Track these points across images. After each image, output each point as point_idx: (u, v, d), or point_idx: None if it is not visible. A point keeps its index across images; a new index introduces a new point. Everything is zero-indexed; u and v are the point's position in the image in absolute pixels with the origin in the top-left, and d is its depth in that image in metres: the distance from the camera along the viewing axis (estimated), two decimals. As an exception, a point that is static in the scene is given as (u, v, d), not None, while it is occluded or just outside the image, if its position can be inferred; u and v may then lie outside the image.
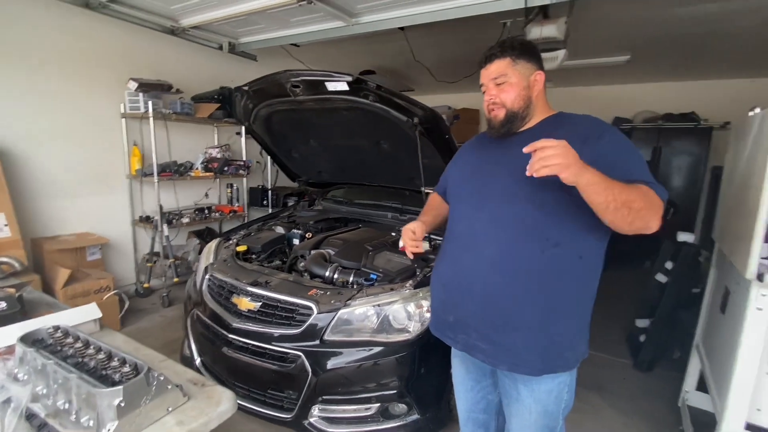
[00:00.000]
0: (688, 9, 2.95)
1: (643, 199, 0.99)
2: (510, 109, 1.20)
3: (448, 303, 1.31)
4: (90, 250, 3.21)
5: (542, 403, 1.21)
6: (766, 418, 1.32)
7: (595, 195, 0.97)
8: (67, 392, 0.95)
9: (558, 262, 1.13)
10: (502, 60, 1.20)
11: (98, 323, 1.43)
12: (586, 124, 1.17)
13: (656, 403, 2.34)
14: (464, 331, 1.25)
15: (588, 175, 0.96)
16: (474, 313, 1.22)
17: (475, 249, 1.22)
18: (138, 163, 3.46)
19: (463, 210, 1.30)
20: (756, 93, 4.75)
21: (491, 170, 1.25)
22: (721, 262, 1.89)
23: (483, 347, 1.22)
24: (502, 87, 1.20)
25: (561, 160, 0.95)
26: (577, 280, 1.15)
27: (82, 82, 3.19)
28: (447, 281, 1.31)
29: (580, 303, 1.17)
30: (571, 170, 0.95)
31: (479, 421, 1.48)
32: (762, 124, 1.41)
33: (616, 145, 1.11)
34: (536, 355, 1.15)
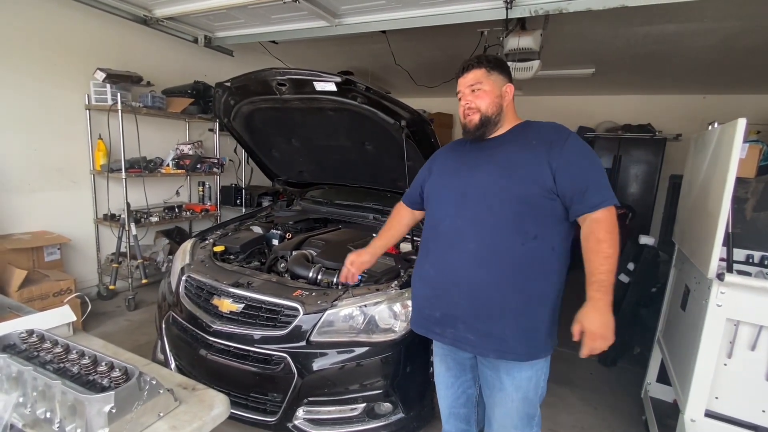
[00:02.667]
0: (649, 28, 3.17)
1: (611, 245, 1.17)
2: (484, 113, 1.32)
3: (434, 299, 1.37)
4: (48, 250, 3.00)
5: (523, 390, 1.31)
6: (724, 405, 1.45)
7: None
8: (49, 400, 0.90)
9: (536, 254, 1.24)
10: (478, 70, 1.33)
11: (71, 327, 1.36)
12: (552, 130, 1.31)
13: (621, 396, 2.50)
14: (452, 324, 1.32)
15: (610, 307, 1.15)
16: (461, 306, 1.29)
17: (460, 245, 1.30)
18: (103, 158, 3.27)
19: (445, 210, 1.37)
20: (706, 108, 5.18)
21: (470, 172, 1.35)
22: (681, 263, 2.05)
23: (471, 338, 1.29)
24: (477, 93, 1.32)
25: (611, 341, 1.14)
26: (551, 270, 1.26)
27: (43, 71, 2.98)
28: (433, 278, 1.38)
29: (553, 291, 1.28)
30: (612, 331, 1.14)
31: (461, 416, 1.57)
32: (720, 138, 1.55)
33: (578, 152, 1.24)
34: (522, 342, 1.25)
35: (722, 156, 1.46)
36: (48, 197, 3.12)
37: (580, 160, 1.23)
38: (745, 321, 1.39)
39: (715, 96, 5.27)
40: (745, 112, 1.45)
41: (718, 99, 5.24)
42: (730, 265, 1.48)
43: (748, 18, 2.82)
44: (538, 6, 2.52)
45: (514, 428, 1.35)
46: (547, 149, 1.23)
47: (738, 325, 1.41)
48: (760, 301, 1.34)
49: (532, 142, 1.28)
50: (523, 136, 1.33)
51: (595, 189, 1.19)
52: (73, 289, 2.83)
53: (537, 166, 1.23)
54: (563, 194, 1.22)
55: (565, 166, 1.20)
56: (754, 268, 1.79)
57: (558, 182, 1.21)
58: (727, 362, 1.44)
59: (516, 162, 1.27)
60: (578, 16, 2.66)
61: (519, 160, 1.27)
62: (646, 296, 2.88)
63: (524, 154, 1.27)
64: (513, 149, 1.31)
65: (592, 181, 1.20)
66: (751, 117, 1.36)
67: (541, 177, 1.22)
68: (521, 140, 1.31)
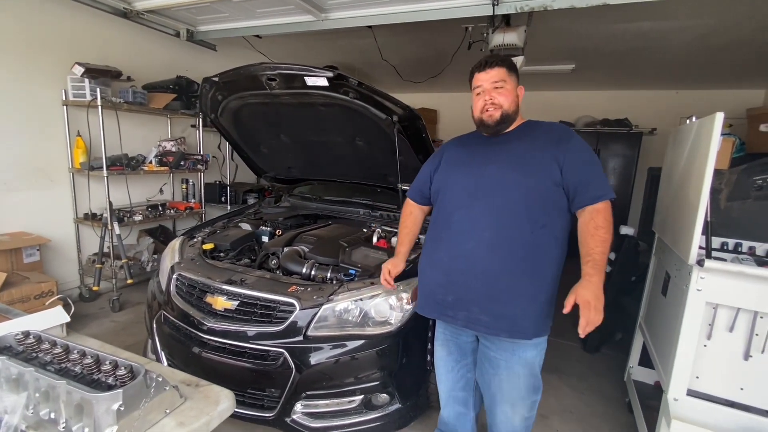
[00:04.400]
0: (627, 25, 3.28)
1: (608, 231, 1.30)
2: (506, 110, 1.41)
3: (448, 284, 1.46)
4: (27, 252, 2.90)
5: (529, 365, 1.44)
6: (705, 384, 1.54)
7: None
8: (53, 401, 0.89)
9: (543, 241, 1.36)
10: (501, 68, 1.41)
11: (64, 328, 1.33)
12: (557, 129, 1.45)
13: (605, 380, 2.60)
14: (465, 308, 1.43)
15: (601, 284, 1.27)
16: (476, 290, 1.40)
17: (474, 234, 1.40)
18: (82, 156, 3.17)
19: (458, 201, 1.47)
20: (680, 103, 5.38)
21: (482, 166, 1.45)
22: (661, 251, 2.14)
23: (485, 320, 1.40)
24: (500, 90, 1.41)
25: (601, 315, 1.24)
26: (554, 256, 1.39)
27: (17, 65, 2.86)
28: (446, 265, 1.46)
29: (555, 276, 1.40)
30: (602, 305, 1.25)
31: (459, 399, 1.68)
32: (699, 131, 1.63)
33: (582, 149, 1.38)
34: (531, 321, 1.37)
35: (701, 148, 1.54)
36: (25, 197, 3.01)
37: (583, 157, 1.36)
38: (723, 304, 1.48)
39: (688, 91, 5.47)
40: (717, 107, 1.53)
41: (691, 94, 5.45)
42: (708, 252, 1.56)
43: (720, 17, 2.95)
44: (523, 3, 2.57)
45: (522, 399, 1.48)
46: (555, 145, 1.36)
47: (717, 308, 1.50)
48: (737, 285, 1.43)
49: (541, 139, 1.41)
50: (531, 133, 1.45)
51: (597, 183, 1.32)
52: (55, 291, 2.75)
53: (546, 160, 1.35)
54: (568, 187, 1.35)
55: (572, 162, 1.34)
56: (729, 254, 1.90)
57: (564, 176, 1.34)
58: (707, 343, 1.53)
59: (526, 157, 1.39)
60: (560, 13, 2.73)
61: (529, 155, 1.39)
62: (627, 284, 3.00)
63: (534, 149, 1.39)
64: (522, 145, 1.42)
65: (594, 176, 1.33)
66: (724, 111, 1.44)
67: (549, 170, 1.34)
68: (529, 137, 1.44)
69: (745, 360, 1.46)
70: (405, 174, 2.21)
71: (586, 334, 1.25)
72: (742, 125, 4.42)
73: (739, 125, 4.41)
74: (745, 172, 2.07)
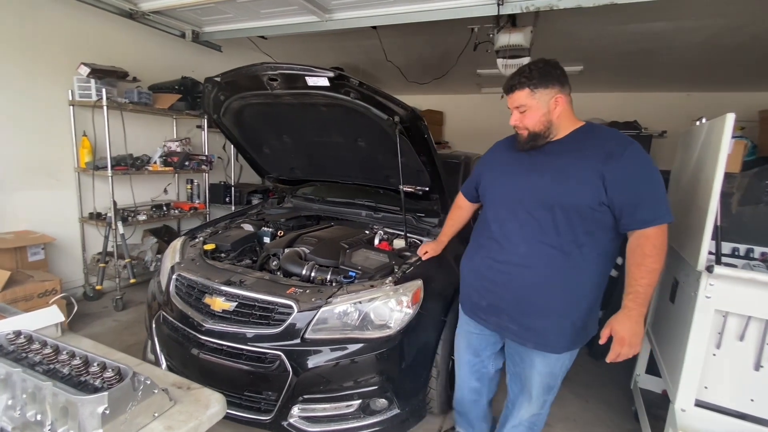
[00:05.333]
0: (636, 26, 3.22)
1: (657, 260, 1.21)
2: (532, 131, 1.37)
3: (482, 290, 1.52)
4: (32, 250, 2.92)
5: (550, 367, 1.46)
6: (713, 395, 1.48)
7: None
8: (40, 402, 0.87)
9: (581, 260, 1.31)
10: (522, 91, 1.35)
11: (59, 328, 1.32)
12: (612, 140, 1.30)
13: (611, 388, 2.54)
14: (496, 314, 1.49)
15: (641, 318, 1.24)
16: (507, 301, 1.44)
17: (510, 248, 1.41)
18: (88, 156, 3.19)
19: (496, 212, 1.48)
20: (691, 105, 5.28)
21: (521, 177, 1.42)
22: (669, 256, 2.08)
23: (513, 329, 1.45)
24: (524, 114, 1.37)
25: (637, 350, 1.26)
26: (595, 273, 1.35)
27: (24, 66, 2.89)
28: (482, 272, 1.52)
29: (595, 290, 1.37)
30: (641, 340, 1.25)
31: (473, 388, 1.77)
32: (709, 133, 1.58)
33: (634, 165, 1.24)
34: (561, 338, 1.38)
35: (711, 151, 1.49)
36: (31, 196, 3.03)
37: (635, 174, 1.23)
38: (733, 312, 1.43)
39: (700, 93, 5.37)
40: (728, 109, 1.47)
41: (703, 96, 5.35)
42: (718, 258, 1.51)
43: (733, 16, 2.88)
44: (529, 2, 2.53)
45: (537, 396, 1.52)
46: (604, 160, 1.24)
47: (726, 316, 1.44)
48: (748, 292, 1.38)
49: (589, 151, 1.29)
50: (581, 143, 1.34)
51: (647, 205, 1.22)
52: (59, 290, 2.76)
53: (590, 177, 1.25)
54: (613, 207, 1.25)
55: (619, 180, 1.22)
56: (740, 260, 1.84)
57: (609, 195, 1.24)
58: (716, 353, 1.47)
59: (568, 173, 1.30)
60: (568, 13, 2.68)
61: (572, 171, 1.30)
62: (634, 290, 2.93)
63: (579, 163, 1.29)
64: (568, 158, 1.33)
65: (645, 196, 1.22)
66: (736, 113, 1.39)
67: (593, 188, 1.25)
68: (578, 148, 1.33)
69: (756, 370, 1.41)
70: (407, 175, 2.18)
71: (618, 361, 1.28)
72: (754, 128, 4.32)
73: (752, 128, 4.32)
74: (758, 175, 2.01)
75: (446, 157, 3.03)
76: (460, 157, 2.97)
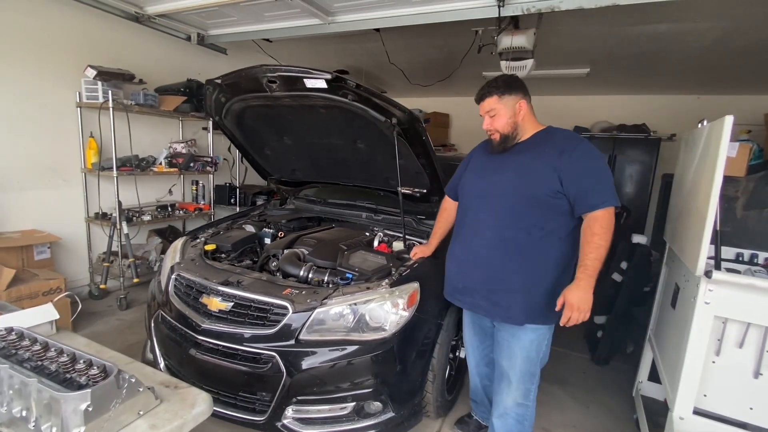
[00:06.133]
0: (643, 27, 3.18)
1: (603, 238, 1.39)
2: (502, 133, 1.58)
3: (459, 273, 1.72)
4: (38, 249, 2.98)
5: (525, 350, 1.60)
6: (712, 403, 1.45)
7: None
8: (25, 398, 0.89)
9: (541, 243, 1.51)
10: (491, 97, 1.57)
11: (54, 325, 1.34)
12: (564, 139, 1.54)
13: (612, 395, 2.50)
14: (470, 294, 1.67)
15: (590, 288, 1.39)
16: (478, 280, 1.63)
17: (480, 233, 1.62)
18: (94, 156, 3.25)
19: (472, 203, 1.69)
20: (701, 108, 5.19)
21: (492, 174, 1.64)
22: (671, 261, 2.05)
23: (484, 305, 1.64)
24: (493, 118, 1.58)
25: (586, 315, 1.40)
26: (555, 255, 1.52)
27: (33, 68, 2.95)
28: (458, 257, 1.72)
29: (557, 270, 1.53)
30: (589, 306, 1.40)
31: (484, 373, 1.95)
32: (709, 136, 1.54)
33: (584, 158, 1.46)
34: (520, 311, 1.55)
35: (710, 154, 1.46)
36: (38, 195, 3.09)
37: (584, 165, 1.44)
38: (732, 318, 1.39)
39: (710, 96, 5.28)
40: (738, 112, 1.48)
41: (713, 99, 5.25)
42: (718, 263, 1.48)
43: (741, 18, 2.83)
44: (530, 4, 2.52)
45: (517, 381, 1.64)
46: (557, 156, 1.46)
47: (726, 323, 1.41)
48: (748, 298, 1.34)
49: (546, 150, 1.51)
50: (540, 143, 1.56)
51: (596, 191, 1.41)
52: (63, 288, 2.80)
53: (546, 171, 1.47)
54: (569, 195, 1.45)
55: (571, 172, 1.43)
56: (744, 266, 1.80)
57: (564, 185, 1.44)
58: (716, 360, 1.44)
59: (529, 167, 1.52)
60: (572, 15, 2.66)
61: (531, 166, 1.51)
62: (638, 295, 2.88)
63: (536, 160, 1.51)
64: (528, 156, 1.55)
65: (594, 184, 1.42)
66: (745, 117, 1.37)
67: (548, 180, 1.46)
68: (537, 148, 1.55)
69: (756, 378, 1.37)
70: (405, 177, 2.18)
71: (570, 325, 1.43)
72: (761, 131, 4.22)
73: (759, 131, 4.22)
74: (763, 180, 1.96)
75: (448, 159, 3.02)
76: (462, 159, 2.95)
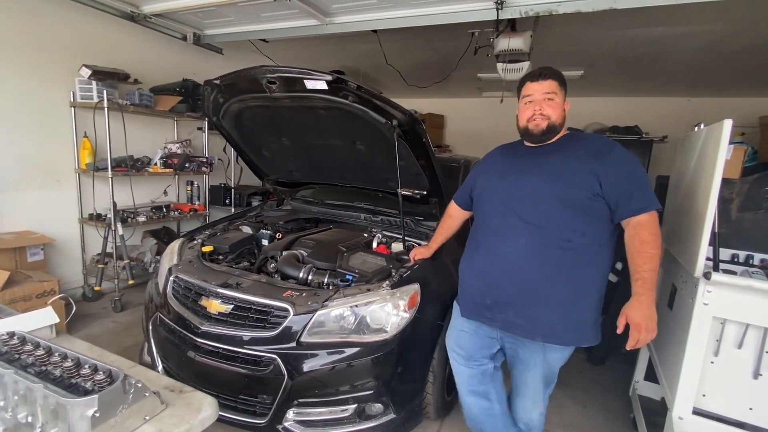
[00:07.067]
0: (637, 31, 3.22)
1: (654, 246, 1.28)
2: (553, 122, 1.43)
3: (485, 288, 1.51)
4: (31, 251, 2.93)
5: (549, 364, 1.50)
6: (711, 403, 1.47)
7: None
8: (31, 404, 0.87)
9: (583, 250, 1.36)
10: (554, 81, 1.43)
11: (54, 329, 1.32)
12: (598, 141, 1.45)
13: (609, 394, 2.52)
14: (502, 310, 1.47)
15: (653, 303, 1.29)
16: (512, 294, 1.44)
17: (511, 239, 1.44)
18: (89, 157, 3.20)
19: (495, 209, 1.52)
20: (691, 110, 5.28)
21: (520, 176, 1.49)
22: (668, 262, 2.08)
23: (520, 323, 1.43)
24: (550, 103, 1.42)
25: (653, 334, 1.30)
26: (597, 263, 1.39)
27: (27, 67, 2.91)
28: (483, 269, 1.53)
29: (598, 282, 1.41)
30: (655, 324, 1.30)
31: (479, 393, 1.67)
32: (707, 139, 1.57)
33: (622, 160, 1.36)
34: (568, 329, 1.39)
35: (708, 156, 1.49)
36: (31, 197, 3.05)
37: (624, 168, 1.34)
38: (731, 319, 1.42)
39: (700, 99, 5.37)
40: (729, 115, 1.48)
41: (703, 101, 5.34)
42: (716, 265, 1.50)
43: (734, 21, 2.88)
44: (528, 7, 2.54)
45: (542, 395, 1.58)
46: (594, 158, 1.36)
47: (724, 324, 1.43)
48: (746, 299, 1.37)
49: (579, 152, 1.41)
50: (571, 146, 1.45)
51: (639, 194, 1.31)
52: (57, 291, 2.76)
53: (584, 173, 1.35)
54: (609, 199, 1.34)
55: (611, 174, 1.32)
56: (740, 267, 1.83)
57: (604, 188, 1.33)
58: (714, 360, 1.46)
59: (564, 169, 1.40)
60: (568, 18, 2.68)
61: (567, 168, 1.40)
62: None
63: (572, 162, 1.40)
64: (561, 158, 1.43)
65: (636, 187, 1.32)
66: (737, 119, 1.39)
67: (587, 183, 1.34)
68: (569, 150, 1.44)
69: (755, 379, 1.39)
70: (405, 179, 2.18)
71: (638, 347, 1.33)
72: (755, 134, 4.30)
73: (752, 134, 4.30)
74: (758, 182, 1.99)
75: (446, 161, 3.03)
76: (460, 161, 2.96)
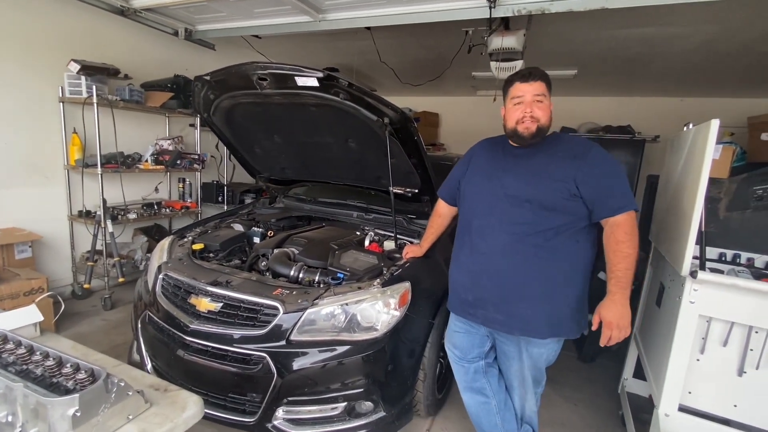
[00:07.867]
0: (630, 31, 3.24)
1: (630, 245, 1.31)
2: (542, 126, 1.43)
3: (468, 284, 1.57)
4: (19, 248, 2.89)
5: (533, 360, 1.55)
6: (697, 400, 1.49)
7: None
8: (11, 403, 0.86)
9: (560, 248, 1.40)
10: (543, 83, 1.43)
11: (38, 327, 1.30)
12: (577, 144, 1.46)
13: (598, 391, 2.54)
14: (483, 306, 1.53)
15: (626, 301, 1.31)
16: (490, 290, 1.49)
17: (490, 238, 1.48)
18: (78, 153, 3.16)
19: (478, 207, 1.55)
20: (684, 111, 5.32)
21: (504, 176, 1.50)
22: (656, 261, 2.10)
23: (499, 318, 1.49)
24: (539, 105, 1.42)
25: (627, 331, 1.31)
26: (575, 260, 1.42)
27: (14, 61, 2.86)
28: (467, 266, 1.57)
29: (577, 277, 1.43)
30: (628, 322, 1.31)
31: (475, 389, 1.75)
32: (695, 139, 1.58)
33: (599, 162, 1.38)
34: (543, 323, 1.43)
35: (696, 156, 1.50)
36: (19, 193, 3.00)
37: (601, 170, 1.36)
38: (716, 317, 1.43)
39: (693, 99, 5.42)
40: (720, 115, 1.49)
41: (695, 101, 5.40)
42: (702, 263, 1.52)
43: (725, 23, 2.90)
44: (521, 6, 2.54)
45: (529, 390, 1.62)
46: (571, 161, 1.38)
47: (710, 322, 1.45)
48: (731, 298, 1.38)
49: (559, 154, 1.43)
50: (552, 148, 1.47)
51: (616, 195, 1.33)
52: (46, 288, 2.73)
53: (561, 175, 1.38)
54: (586, 200, 1.37)
55: (588, 176, 1.35)
56: (727, 266, 1.85)
57: (581, 190, 1.36)
58: (700, 358, 1.48)
59: (543, 171, 1.42)
60: (561, 17, 2.69)
61: (546, 170, 1.42)
62: (624, 294, 2.94)
63: (551, 164, 1.42)
64: (542, 159, 1.45)
65: (613, 188, 1.35)
66: (727, 119, 1.40)
67: (564, 185, 1.37)
68: (550, 151, 1.46)
69: (740, 376, 1.41)
70: (397, 177, 2.18)
71: (611, 344, 1.35)
72: (743, 134, 4.35)
73: (741, 134, 4.35)
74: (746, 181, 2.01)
75: (439, 159, 3.03)
76: (453, 159, 2.96)
